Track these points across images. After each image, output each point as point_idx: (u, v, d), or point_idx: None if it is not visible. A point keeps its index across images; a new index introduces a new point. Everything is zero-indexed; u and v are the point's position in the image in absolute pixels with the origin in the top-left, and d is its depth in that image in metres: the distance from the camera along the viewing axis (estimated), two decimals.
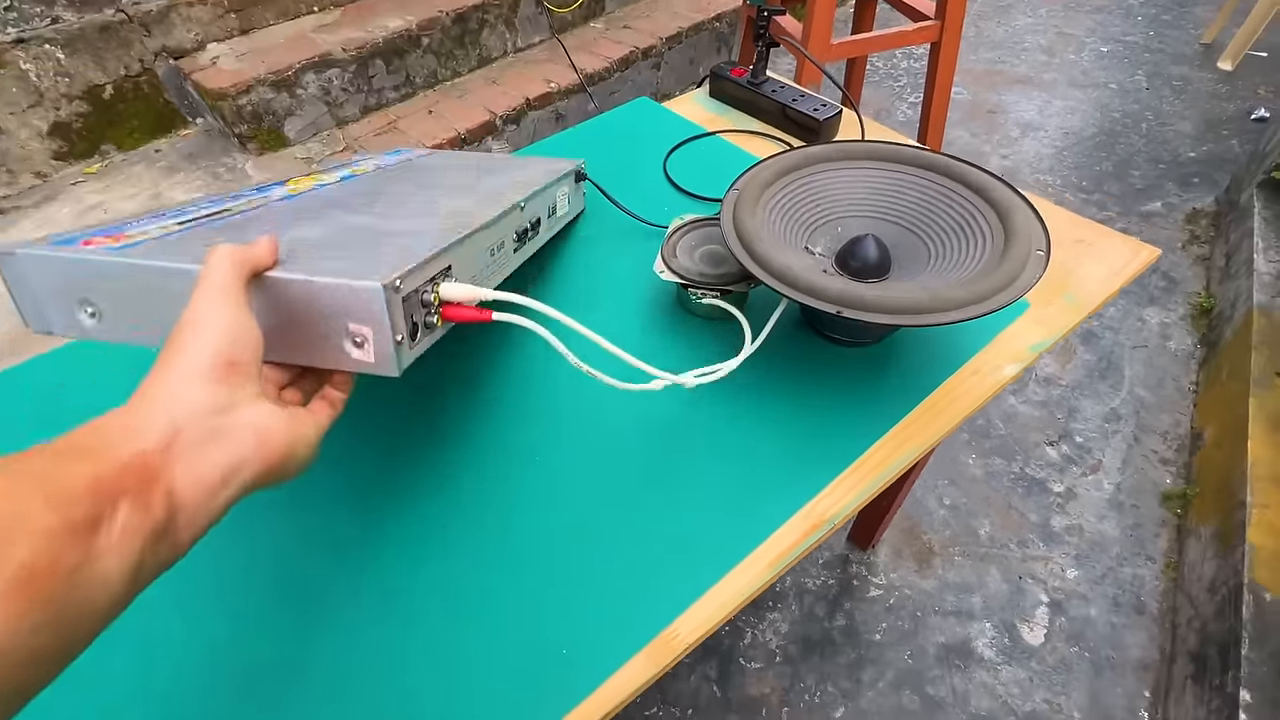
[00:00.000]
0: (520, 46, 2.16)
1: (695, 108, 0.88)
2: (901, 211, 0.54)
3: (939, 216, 0.52)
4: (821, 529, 0.46)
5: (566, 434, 0.50)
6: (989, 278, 0.44)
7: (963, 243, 0.50)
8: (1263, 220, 1.42)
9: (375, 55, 1.82)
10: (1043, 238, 0.47)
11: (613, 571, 0.43)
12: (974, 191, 0.52)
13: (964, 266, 0.48)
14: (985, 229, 0.49)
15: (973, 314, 0.42)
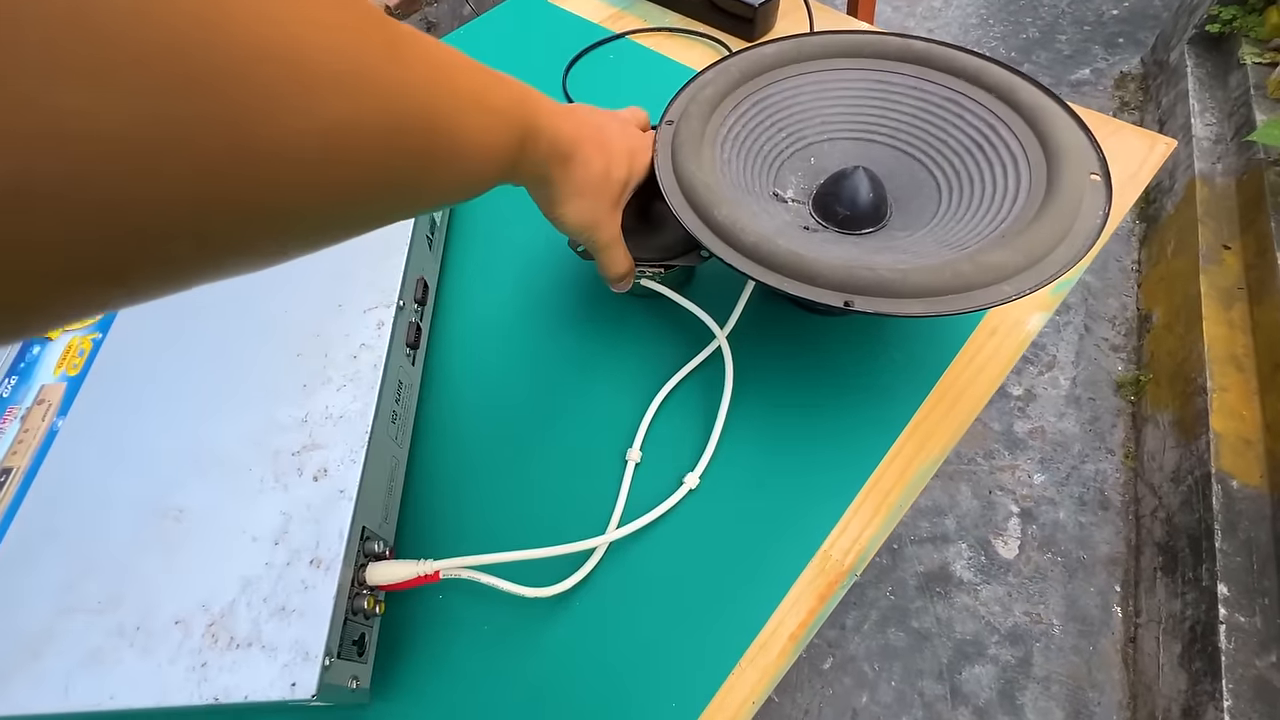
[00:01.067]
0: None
1: (595, 3, 0.68)
2: (894, 129, 0.40)
3: (947, 132, 0.39)
4: (843, 584, 0.34)
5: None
6: (1041, 225, 0.31)
7: (985, 169, 0.37)
8: (1196, 80, 1.36)
9: None
10: (1094, 155, 0.34)
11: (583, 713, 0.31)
12: (991, 93, 0.38)
13: (994, 206, 0.35)
14: (1014, 147, 0.36)
15: (1030, 285, 0.30)
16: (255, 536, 0.29)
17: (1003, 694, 0.88)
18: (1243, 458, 0.88)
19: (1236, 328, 1.00)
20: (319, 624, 0.27)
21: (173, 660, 0.27)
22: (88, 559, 0.29)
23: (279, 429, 0.33)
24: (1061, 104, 0.37)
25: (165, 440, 0.33)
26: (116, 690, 0.26)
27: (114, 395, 0.34)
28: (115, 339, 0.36)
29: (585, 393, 0.40)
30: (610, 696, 0.31)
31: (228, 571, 0.29)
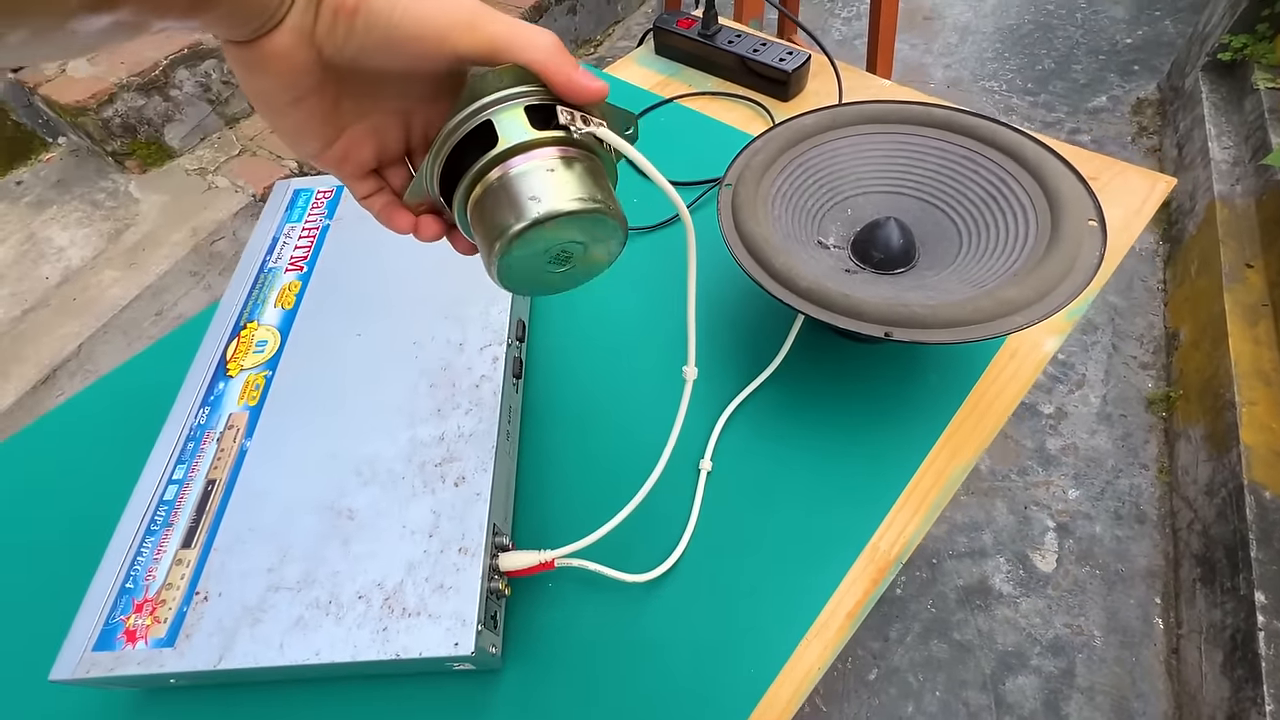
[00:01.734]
0: None
1: (641, 71, 0.77)
2: (919, 183, 0.47)
3: (964, 186, 0.46)
4: (889, 571, 0.40)
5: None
6: (1047, 265, 0.38)
7: (998, 216, 0.43)
8: (1211, 105, 1.40)
9: None
10: (1091, 204, 0.41)
11: (674, 677, 0.37)
12: (1001, 152, 0.45)
13: (1007, 248, 0.41)
14: (1023, 198, 0.43)
15: (1038, 316, 0.36)
16: (414, 530, 0.37)
17: (1047, 704, 0.90)
18: (1274, 469, 0.90)
19: (1262, 344, 1.03)
20: (471, 598, 0.34)
21: (360, 626, 0.34)
22: (283, 549, 0.37)
23: (422, 445, 0.40)
24: (1063, 160, 0.43)
25: (333, 455, 0.41)
26: (320, 648, 0.34)
27: (287, 420, 0.43)
28: (283, 375, 0.45)
29: (658, 408, 0.48)
30: (695, 665, 0.38)
31: (395, 557, 0.36)
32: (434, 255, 0.50)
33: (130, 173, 1.50)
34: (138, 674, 0.34)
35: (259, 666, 0.33)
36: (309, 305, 0.49)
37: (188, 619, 0.35)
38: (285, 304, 0.49)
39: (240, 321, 0.48)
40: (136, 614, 0.36)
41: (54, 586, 0.42)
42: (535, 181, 0.24)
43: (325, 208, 0.56)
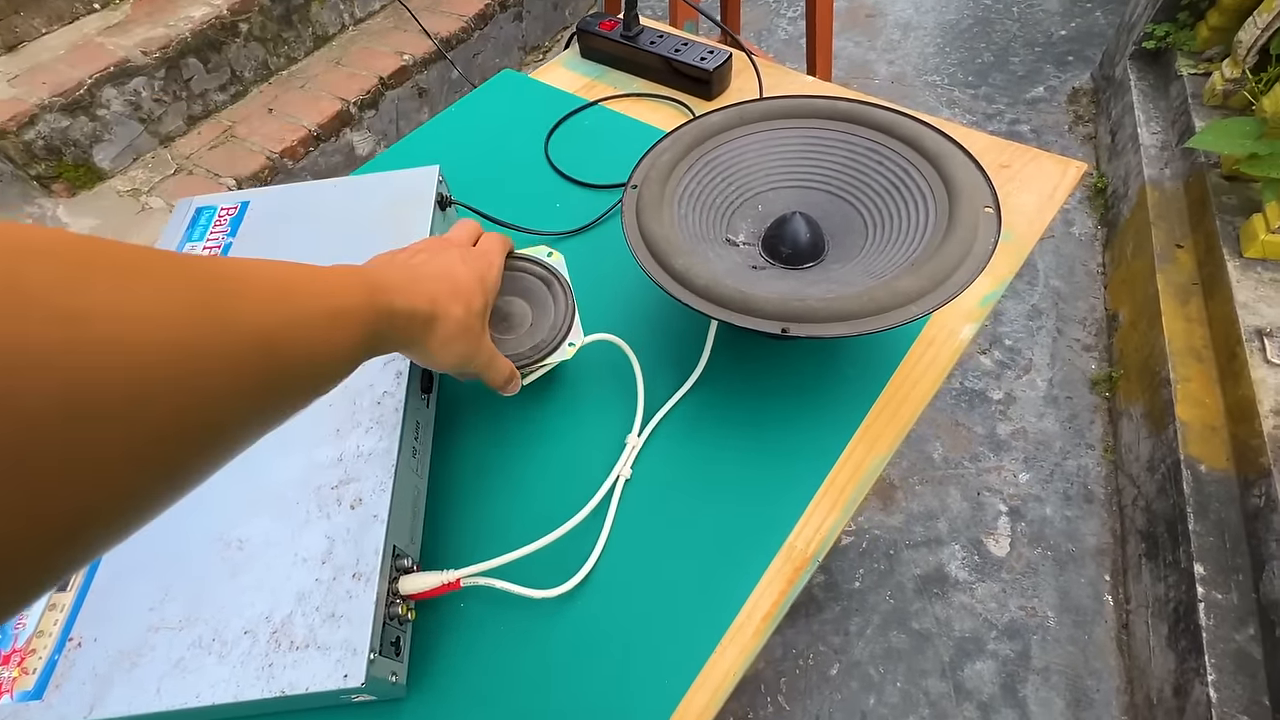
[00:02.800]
0: (359, 16, 1.91)
1: (567, 74, 0.77)
2: (827, 177, 0.47)
3: (869, 177, 0.45)
4: (807, 569, 0.40)
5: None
6: (943, 253, 0.38)
7: (900, 206, 0.43)
8: (1140, 93, 1.45)
9: (186, 53, 1.55)
10: (987, 190, 0.41)
11: (590, 692, 0.36)
12: (902, 142, 0.45)
13: (908, 237, 0.41)
14: (923, 186, 0.43)
15: (933, 305, 0.36)
16: (305, 558, 0.35)
17: (1005, 687, 0.91)
18: (1208, 443, 0.93)
19: (1193, 321, 1.06)
20: (363, 626, 0.33)
21: (244, 663, 0.32)
22: (166, 586, 0.35)
23: (318, 468, 0.39)
24: (960, 148, 0.44)
25: (222, 484, 0.39)
26: (200, 690, 0.32)
27: None
28: None
29: (578, 422, 0.47)
30: (610, 679, 0.37)
31: (285, 588, 0.34)
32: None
33: (58, 196, 1.45)
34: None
35: (134, 714, 0.31)
36: None
37: (59, 668, 0.33)
38: None
39: None
40: (3, 666, 0.33)
41: None
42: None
43: (229, 224, 0.54)
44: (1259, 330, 0.96)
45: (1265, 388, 0.90)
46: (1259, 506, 0.83)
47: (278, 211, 0.54)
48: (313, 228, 0.53)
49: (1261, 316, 0.97)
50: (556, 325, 0.44)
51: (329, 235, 0.52)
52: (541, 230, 0.58)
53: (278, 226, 0.53)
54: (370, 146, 1.76)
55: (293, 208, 0.55)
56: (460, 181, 0.61)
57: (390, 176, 0.56)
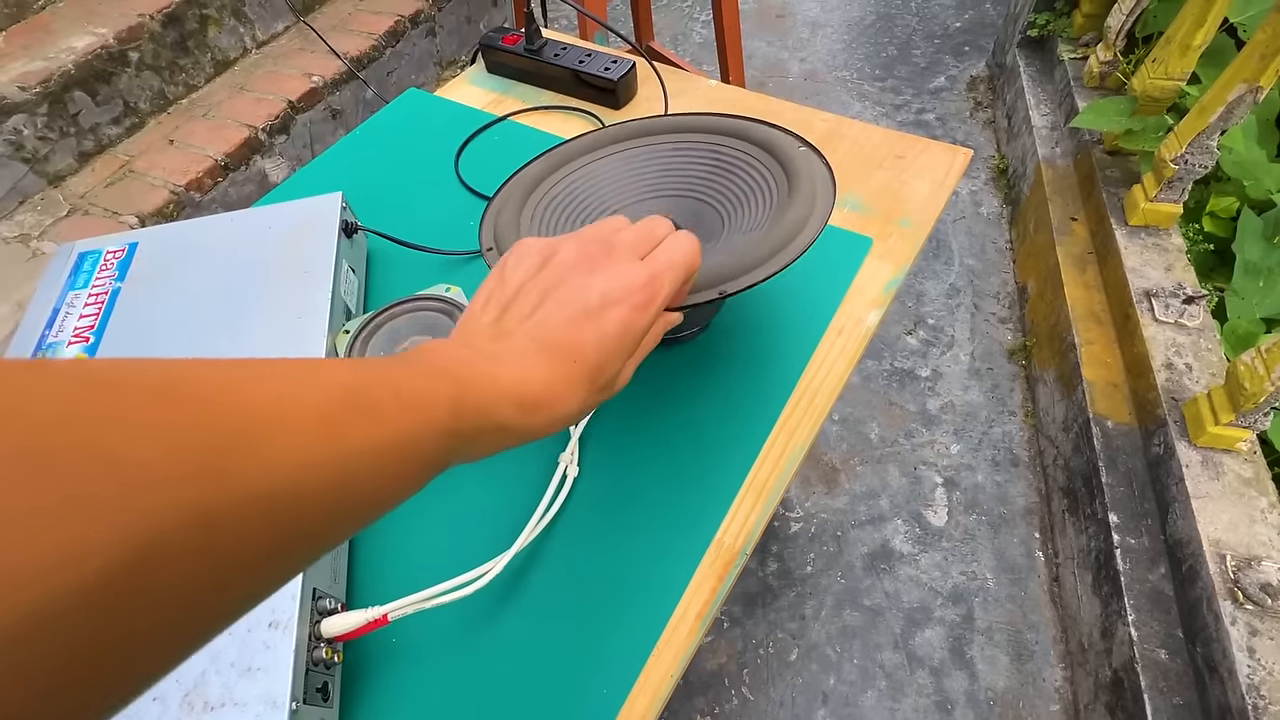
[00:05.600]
0: (262, 39, 1.83)
1: (474, 90, 0.76)
2: (691, 185, 0.48)
3: (727, 181, 0.47)
4: (736, 563, 0.41)
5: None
6: (783, 220, 0.39)
7: (752, 201, 0.45)
8: (1028, 78, 1.54)
9: (70, 86, 1.45)
10: (825, 171, 0.43)
11: (528, 709, 0.36)
12: (747, 142, 0.46)
13: (758, 222, 0.43)
14: (770, 181, 0.44)
15: (785, 261, 0.37)
16: None
17: (953, 651, 0.95)
18: (1112, 400, 1.00)
19: (1091, 288, 1.14)
20: (282, 677, 0.31)
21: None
22: None
23: None
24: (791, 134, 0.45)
25: None
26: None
27: None
28: None
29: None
30: (551, 691, 0.36)
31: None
32: (242, 308, 0.47)
33: None
34: None
35: None
36: None
37: None
38: None
39: None
40: None
41: None
42: None
43: (116, 268, 0.51)
44: (1147, 292, 1.04)
45: (1156, 344, 0.97)
46: (1159, 454, 0.90)
47: (170, 251, 0.52)
48: (208, 266, 0.50)
49: (1148, 279, 1.05)
50: None
51: (226, 273, 0.50)
52: (455, 250, 0.57)
53: (172, 266, 0.51)
54: (284, 173, 1.69)
55: (186, 246, 0.52)
56: (368, 206, 0.60)
57: (290, 206, 0.54)
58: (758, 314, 0.52)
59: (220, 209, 1.56)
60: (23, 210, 1.42)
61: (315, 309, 0.46)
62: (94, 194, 1.46)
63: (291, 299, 0.47)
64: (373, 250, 0.58)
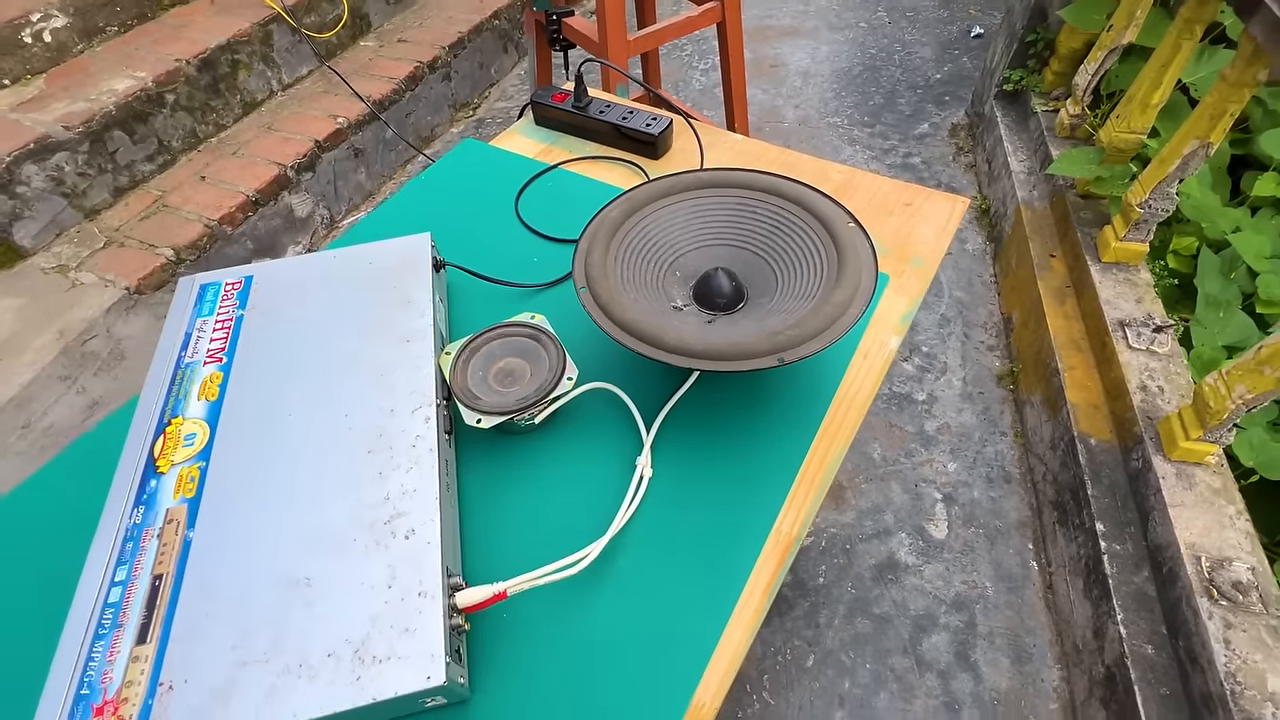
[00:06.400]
0: (287, 82, 1.94)
1: (524, 141, 0.85)
2: (751, 240, 0.57)
3: (785, 243, 0.55)
4: (793, 548, 0.48)
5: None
6: (829, 301, 0.47)
7: (807, 268, 0.53)
8: (1005, 127, 1.69)
9: (110, 126, 1.53)
10: (869, 251, 0.51)
11: (622, 672, 0.42)
12: (803, 209, 0.55)
13: (809, 286, 0.51)
14: (823, 252, 0.53)
15: (834, 338, 0.45)
16: (373, 585, 0.40)
17: (958, 655, 1.02)
18: (1094, 420, 1.09)
19: (1071, 318, 1.25)
20: (436, 635, 0.38)
21: (333, 681, 0.37)
22: (245, 626, 0.39)
23: (369, 507, 0.44)
24: (845, 211, 0.54)
25: (281, 531, 0.43)
26: (296, 710, 0.36)
27: (229, 506, 0.44)
28: (218, 464, 0.46)
29: (589, 442, 0.53)
30: (638, 660, 0.43)
31: (358, 612, 0.39)
32: (354, 333, 0.54)
33: None
34: None
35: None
36: (234, 393, 0.51)
37: (154, 712, 0.36)
38: (209, 395, 0.51)
39: (164, 419, 0.49)
40: (98, 717, 0.36)
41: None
42: None
43: (236, 298, 0.58)
44: (1120, 321, 1.14)
45: (1131, 369, 1.07)
46: (1138, 468, 0.99)
47: (282, 283, 0.59)
48: (319, 296, 0.58)
49: (1121, 310, 1.16)
50: (553, 368, 0.52)
51: (336, 303, 0.57)
52: (524, 283, 0.65)
53: (286, 296, 0.58)
54: (309, 208, 1.77)
55: (296, 279, 0.59)
56: (442, 245, 0.68)
57: (384, 245, 0.62)
58: None
59: (250, 242, 1.63)
60: (60, 242, 1.48)
61: (421, 334, 0.54)
62: (129, 227, 1.52)
63: (397, 326, 0.55)
64: (450, 283, 0.66)
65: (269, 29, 1.83)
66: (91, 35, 1.70)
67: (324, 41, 1.99)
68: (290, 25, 1.87)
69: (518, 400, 0.50)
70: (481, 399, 0.51)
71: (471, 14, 2.27)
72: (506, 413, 0.49)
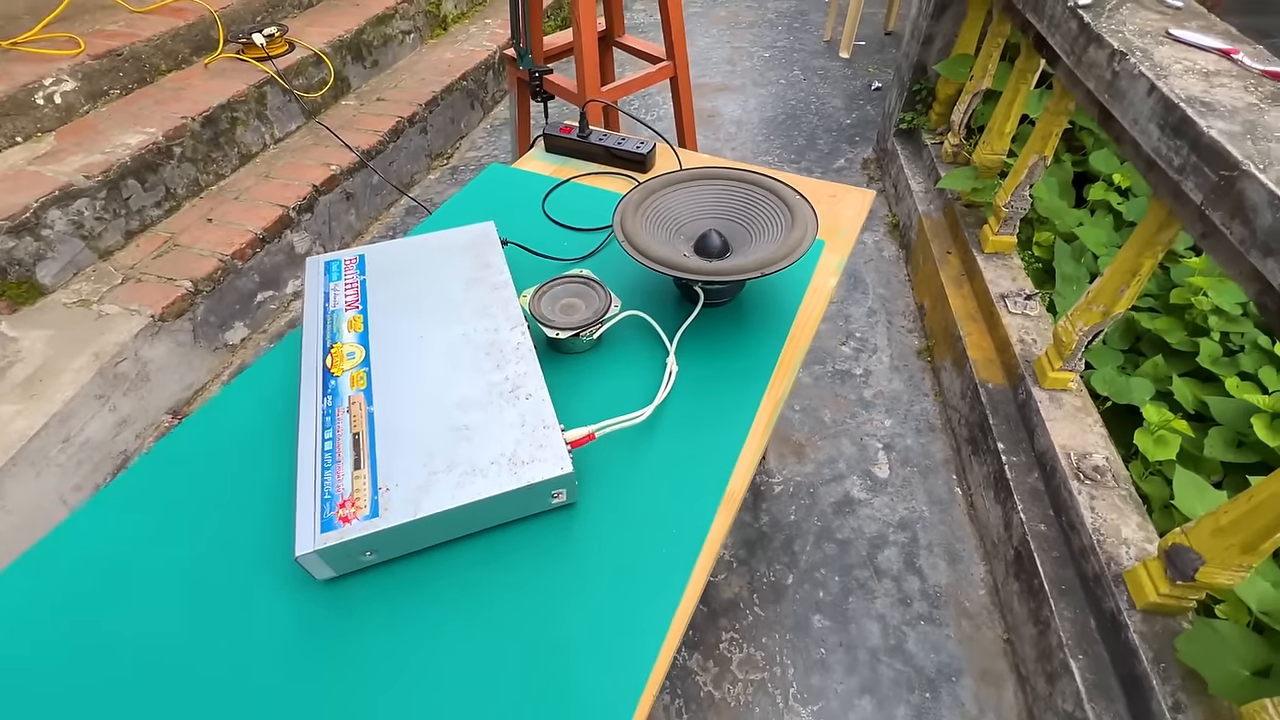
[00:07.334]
0: (279, 137, 2.12)
1: (539, 163, 1.09)
2: (732, 212, 0.82)
3: (755, 212, 0.80)
4: (780, 404, 0.71)
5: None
6: (784, 245, 0.73)
7: (770, 227, 0.78)
8: (905, 157, 2.06)
9: (126, 175, 1.68)
10: (810, 210, 0.77)
11: (669, 482, 0.63)
12: (766, 191, 0.81)
13: (771, 238, 0.76)
14: (780, 216, 0.78)
15: (793, 259, 0.70)
16: (511, 425, 0.60)
17: (906, 563, 1.25)
18: (990, 369, 1.39)
19: (967, 298, 1.56)
20: (561, 447, 0.58)
21: (499, 475, 0.56)
22: (429, 453, 0.58)
23: (495, 384, 0.64)
24: (791, 188, 0.80)
25: (438, 402, 0.62)
26: (480, 490, 0.55)
27: (395, 390, 0.63)
28: (378, 367, 0.66)
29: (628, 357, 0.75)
30: (682, 474, 0.64)
31: (506, 439, 0.59)
32: (456, 285, 0.75)
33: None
34: (358, 537, 0.53)
35: (441, 510, 0.54)
36: (376, 326, 0.70)
37: (380, 500, 0.55)
38: (356, 328, 0.70)
39: (327, 344, 0.68)
40: (341, 508, 0.54)
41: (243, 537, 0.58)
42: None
43: (356, 269, 0.78)
44: (1002, 295, 1.46)
45: (1012, 329, 1.38)
46: (1023, 399, 1.28)
47: (388, 260, 0.79)
48: (421, 264, 0.78)
49: (1001, 287, 1.48)
50: (603, 300, 0.74)
51: (436, 270, 0.77)
52: (562, 258, 0.87)
53: (395, 264, 0.78)
54: (308, 245, 1.94)
55: (399, 254, 0.80)
56: None
57: (461, 230, 0.83)
58: (763, 287, 0.84)
59: (256, 275, 1.78)
60: (78, 280, 1.60)
61: (505, 283, 0.75)
62: (143, 265, 1.65)
63: (485, 279, 0.76)
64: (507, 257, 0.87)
65: (263, 90, 2.03)
66: (96, 97, 1.85)
67: (311, 101, 2.20)
68: (282, 87, 2.07)
69: (582, 319, 0.72)
70: (556, 320, 0.72)
71: (442, 75, 2.54)
72: (574, 328, 0.71)
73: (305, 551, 0.52)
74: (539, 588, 0.56)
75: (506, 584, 0.56)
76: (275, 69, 2.05)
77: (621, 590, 0.56)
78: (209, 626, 0.53)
